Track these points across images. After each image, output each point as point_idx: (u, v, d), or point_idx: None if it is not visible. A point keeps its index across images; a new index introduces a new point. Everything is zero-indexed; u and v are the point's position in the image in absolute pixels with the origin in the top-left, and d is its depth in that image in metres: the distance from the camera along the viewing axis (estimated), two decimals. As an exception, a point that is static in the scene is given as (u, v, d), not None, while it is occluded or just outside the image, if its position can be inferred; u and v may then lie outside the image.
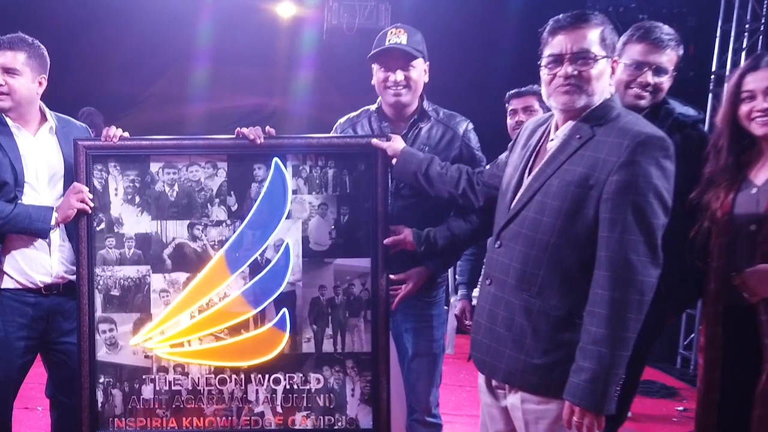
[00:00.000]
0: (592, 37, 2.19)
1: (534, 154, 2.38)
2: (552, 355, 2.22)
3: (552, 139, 2.32)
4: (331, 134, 3.12)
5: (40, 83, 2.99)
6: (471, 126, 3.08)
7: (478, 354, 2.42)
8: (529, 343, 2.25)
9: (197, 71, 8.55)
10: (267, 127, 2.89)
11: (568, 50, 2.20)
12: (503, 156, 2.67)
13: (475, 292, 4.01)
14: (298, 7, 8.11)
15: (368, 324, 2.91)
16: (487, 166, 2.83)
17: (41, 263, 2.98)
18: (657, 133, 2.14)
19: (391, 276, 2.92)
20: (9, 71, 2.88)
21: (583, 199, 2.16)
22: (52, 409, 3.23)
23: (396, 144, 2.86)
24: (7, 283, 2.97)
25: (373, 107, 3.12)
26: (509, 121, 3.87)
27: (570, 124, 2.27)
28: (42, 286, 2.99)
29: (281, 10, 8.20)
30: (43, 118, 3.06)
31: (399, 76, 2.93)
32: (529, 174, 2.35)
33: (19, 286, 2.97)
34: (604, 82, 2.24)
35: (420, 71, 2.99)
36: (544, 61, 2.27)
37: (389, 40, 2.95)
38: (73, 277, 2.95)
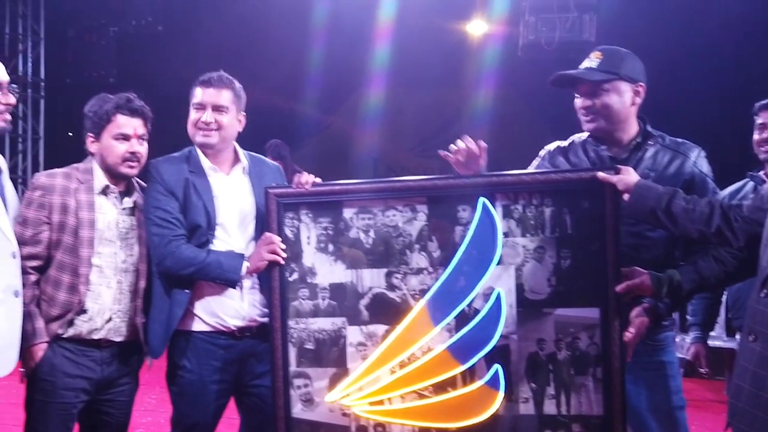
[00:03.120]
0: None
1: None
2: None
3: None
4: (547, 169, 2.89)
5: (240, 121, 3.05)
6: (703, 153, 2.78)
7: (741, 425, 2.15)
8: (810, 417, 1.90)
9: (380, 97, 8.59)
10: (479, 142, 2.75)
11: None
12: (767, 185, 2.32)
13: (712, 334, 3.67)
14: (491, 24, 7.96)
15: (599, 383, 2.62)
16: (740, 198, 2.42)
17: (233, 307, 2.95)
18: None
19: None
20: (218, 108, 2.94)
21: None
22: None
23: (628, 177, 2.52)
24: (199, 326, 2.95)
25: (585, 134, 2.88)
26: (755, 137, 3.46)
27: None
28: (235, 329, 2.95)
29: (472, 28, 8.18)
30: (236, 158, 3.06)
31: (584, 102, 2.77)
32: (808, 204, 1.99)
33: (212, 329, 2.95)
34: None
35: (617, 95, 2.73)
36: None
37: (581, 66, 2.77)
38: (266, 320, 2.90)
